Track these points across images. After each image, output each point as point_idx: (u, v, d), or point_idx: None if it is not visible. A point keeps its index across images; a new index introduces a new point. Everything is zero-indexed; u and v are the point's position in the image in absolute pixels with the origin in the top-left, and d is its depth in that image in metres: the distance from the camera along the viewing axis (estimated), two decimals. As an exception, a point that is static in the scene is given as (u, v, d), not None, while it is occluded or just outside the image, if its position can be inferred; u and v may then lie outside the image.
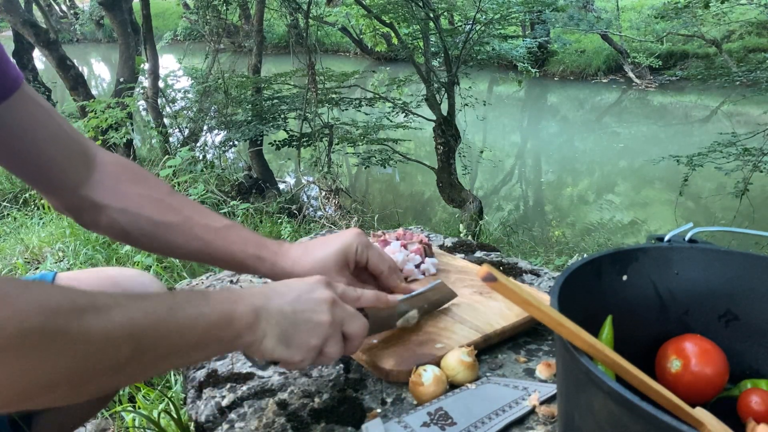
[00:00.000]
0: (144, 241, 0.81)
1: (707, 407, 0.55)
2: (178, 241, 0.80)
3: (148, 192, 0.82)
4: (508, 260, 1.21)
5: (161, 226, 0.80)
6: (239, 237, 0.81)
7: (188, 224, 0.80)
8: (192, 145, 5.50)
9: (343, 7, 8.58)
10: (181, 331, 0.57)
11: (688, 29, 8.85)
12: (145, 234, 0.80)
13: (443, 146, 4.88)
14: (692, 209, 6.04)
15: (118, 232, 0.81)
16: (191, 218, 0.81)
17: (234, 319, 0.62)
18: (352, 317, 0.71)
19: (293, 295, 0.67)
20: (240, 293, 0.65)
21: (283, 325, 0.65)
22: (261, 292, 0.66)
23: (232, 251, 0.80)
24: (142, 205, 0.80)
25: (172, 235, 0.80)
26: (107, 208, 0.80)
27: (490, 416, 0.72)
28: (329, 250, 0.82)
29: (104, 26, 16.74)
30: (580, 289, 0.62)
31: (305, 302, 0.67)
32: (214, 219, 0.82)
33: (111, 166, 0.82)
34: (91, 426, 1.61)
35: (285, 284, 0.70)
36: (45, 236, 3.05)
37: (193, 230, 0.80)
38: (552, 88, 11.85)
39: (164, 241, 0.81)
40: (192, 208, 0.82)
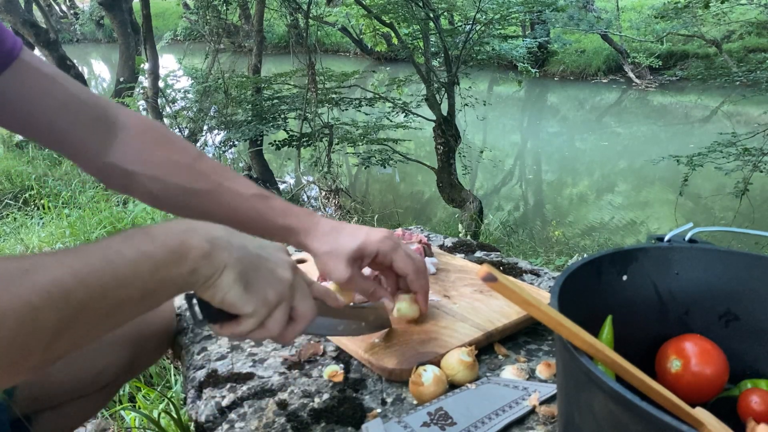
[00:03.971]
0: (175, 208, 0.81)
1: (707, 407, 0.55)
2: (208, 208, 0.80)
3: (176, 157, 0.81)
4: (508, 260, 1.21)
5: (191, 193, 0.79)
6: (267, 206, 0.80)
7: (218, 191, 0.80)
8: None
9: (343, 7, 8.58)
10: (122, 281, 0.49)
11: (688, 29, 8.85)
12: (176, 201, 0.80)
13: (443, 146, 4.88)
14: (692, 209, 6.04)
15: (150, 198, 0.81)
16: (221, 185, 0.80)
17: (188, 251, 0.54)
18: (306, 295, 0.65)
19: (258, 242, 0.62)
20: (192, 223, 0.57)
21: (245, 263, 0.58)
22: (220, 226, 0.59)
23: (261, 219, 0.80)
24: (171, 172, 0.80)
25: (202, 202, 0.80)
26: (137, 175, 0.79)
27: (490, 416, 0.72)
28: (351, 239, 0.80)
29: (104, 26, 16.75)
30: (580, 289, 0.62)
31: (269, 252, 0.62)
32: (243, 185, 0.81)
33: (135, 128, 0.81)
34: (91, 426, 1.61)
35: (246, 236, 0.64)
36: (45, 236, 3.05)
37: (222, 197, 0.80)
38: (552, 88, 11.85)
39: (194, 208, 0.80)
40: (221, 173, 0.81)
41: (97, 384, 0.92)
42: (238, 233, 0.61)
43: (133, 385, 1.64)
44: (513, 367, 0.82)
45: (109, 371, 0.92)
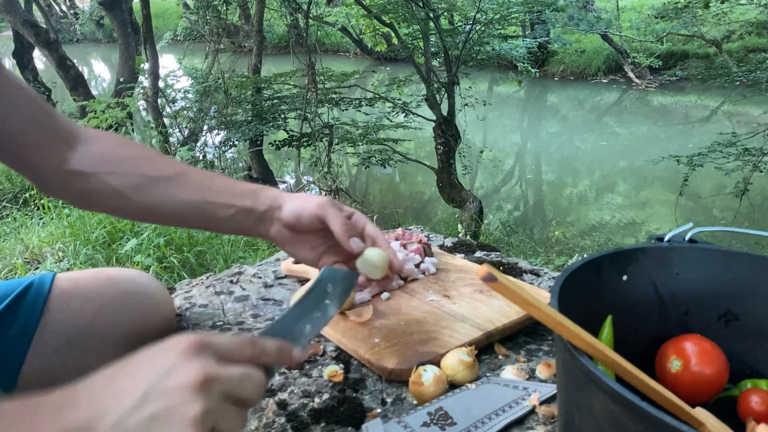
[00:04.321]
0: (137, 199, 0.80)
1: (707, 407, 0.55)
2: (173, 192, 0.79)
3: (138, 153, 0.82)
4: (508, 260, 1.22)
5: (157, 180, 0.79)
6: (232, 181, 0.82)
7: (184, 174, 0.80)
8: (192, 145, 5.50)
9: (343, 7, 8.58)
10: None
11: (688, 29, 8.85)
12: (139, 190, 0.79)
13: (443, 146, 4.88)
14: (692, 209, 6.04)
15: (109, 195, 0.80)
16: (187, 170, 0.81)
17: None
18: (240, 387, 0.47)
19: (137, 394, 0.43)
20: (54, 408, 0.44)
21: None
22: (87, 401, 0.44)
23: (231, 188, 0.80)
24: (135, 165, 0.80)
25: (168, 186, 0.79)
26: (96, 174, 0.79)
27: (490, 416, 0.72)
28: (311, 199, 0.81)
29: (104, 26, 16.75)
30: (580, 289, 0.62)
31: (157, 399, 0.43)
32: (208, 172, 0.83)
33: (98, 139, 0.82)
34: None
35: (128, 371, 0.46)
36: (45, 236, 3.05)
37: (190, 179, 0.80)
38: (552, 88, 11.85)
39: (159, 195, 0.79)
40: (184, 165, 0.83)
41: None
42: (114, 391, 0.44)
43: None
44: (513, 367, 0.82)
45: (109, 371, 0.92)
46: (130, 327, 0.91)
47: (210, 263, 2.72)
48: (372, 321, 0.91)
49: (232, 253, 2.81)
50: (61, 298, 0.88)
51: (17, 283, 0.88)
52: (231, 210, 0.80)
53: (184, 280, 1.53)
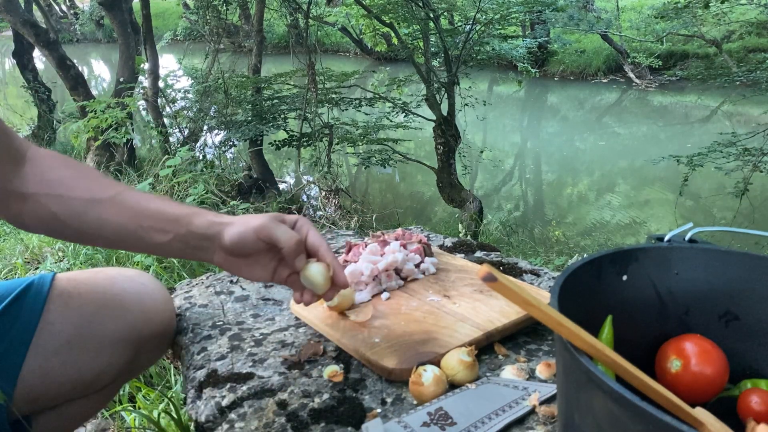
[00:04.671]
0: (72, 223, 0.79)
1: (707, 407, 0.55)
2: (108, 216, 0.78)
3: (77, 174, 0.81)
4: (508, 260, 1.21)
5: (92, 203, 0.78)
6: (172, 202, 0.80)
7: (120, 197, 0.79)
8: (192, 145, 5.50)
9: (343, 7, 8.58)
10: None
11: (688, 29, 8.85)
12: (75, 214, 0.78)
13: (443, 146, 4.88)
14: (692, 209, 6.04)
15: (45, 218, 0.79)
16: (121, 193, 0.79)
17: None
18: None
19: None
20: None
21: None
22: None
23: (164, 211, 0.78)
24: (71, 187, 0.79)
25: (104, 210, 0.78)
26: (35, 196, 0.78)
27: (490, 416, 0.72)
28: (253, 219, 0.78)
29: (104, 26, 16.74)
30: (580, 289, 0.62)
31: None
32: (143, 193, 0.81)
33: (42, 159, 0.81)
34: (91, 426, 1.61)
35: None
36: (45, 236, 3.05)
37: (124, 202, 0.78)
38: (552, 88, 11.85)
39: (93, 219, 0.78)
40: (123, 186, 0.81)
41: (97, 384, 0.92)
42: None
43: (133, 385, 1.64)
44: (513, 367, 0.82)
45: (109, 372, 0.92)
46: (130, 327, 0.91)
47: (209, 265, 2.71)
48: (372, 321, 0.91)
49: (232, 253, 2.80)
50: (60, 298, 0.88)
51: (17, 283, 0.88)
52: (166, 236, 0.78)
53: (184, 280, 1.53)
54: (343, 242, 1.33)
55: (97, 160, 5.25)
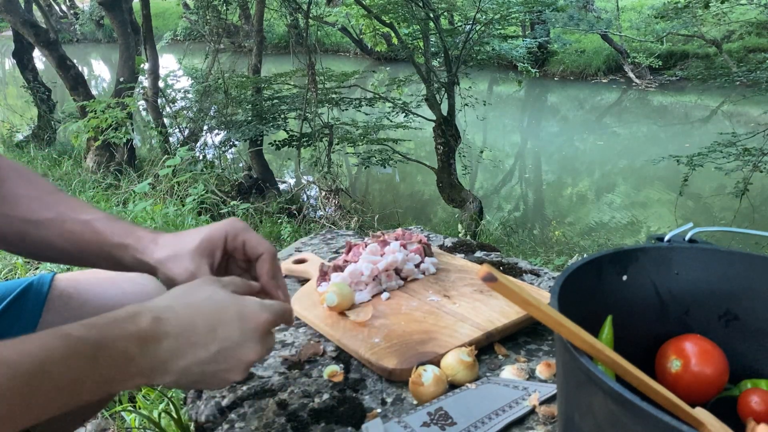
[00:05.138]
0: (19, 244, 0.78)
1: (707, 407, 0.55)
2: (49, 238, 0.77)
3: (26, 192, 0.79)
4: (508, 260, 1.21)
5: (33, 224, 0.77)
6: (108, 226, 0.76)
7: (60, 219, 0.77)
8: (192, 145, 5.50)
9: (343, 7, 8.58)
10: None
11: (688, 29, 8.85)
12: (20, 235, 0.77)
13: (443, 146, 4.88)
14: (692, 209, 6.04)
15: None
16: (64, 213, 0.77)
17: (127, 381, 0.55)
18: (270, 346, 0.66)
19: (211, 353, 0.59)
20: (140, 341, 0.56)
21: (183, 381, 0.59)
22: (170, 343, 0.57)
23: (98, 240, 0.75)
24: (17, 206, 0.77)
25: (44, 231, 0.77)
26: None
27: (490, 416, 0.72)
28: (194, 236, 0.74)
29: (104, 26, 16.75)
30: (580, 289, 0.62)
31: (224, 362, 0.60)
32: (86, 212, 0.78)
33: (2, 172, 0.80)
34: (91, 426, 1.61)
35: (209, 327, 0.60)
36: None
37: (64, 225, 0.76)
38: (552, 88, 11.85)
39: (36, 239, 0.77)
40: (67, 204, 0.79)
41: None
42: (192, 337, 0.59)
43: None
44: (513, 367, 0.82)
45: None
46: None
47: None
48: (372, 321, 0.91)
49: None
50: (60, 298, 0.88)
51: (17, 283, 0.88)
52: (105, 263, 0.77)
53: (184, 280, 1.53)
54: (343, 242, 1.33)
55: (97, 160, 5.25)
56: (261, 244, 0.75)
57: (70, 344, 0.51)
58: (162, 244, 0.74)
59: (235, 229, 0.75)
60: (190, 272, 0.71)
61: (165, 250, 0.73)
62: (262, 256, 0.75)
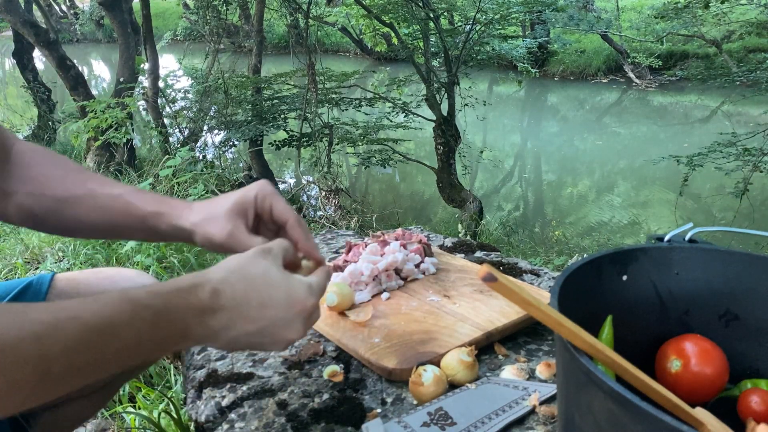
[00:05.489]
0: (51, 221, 0.80)
1: (707, 407, 0.55)
2: (81, 214, 0.79)
3: (53, 172, 0.81)
4: (508, 260, 1.21)
5: (65, 202, 0.79)
6: (139, 198, 0.79)
7: (91, 195, 0.79)
8: (192, 145, 5.50)
9: (343, 7, 8.58)
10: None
11: (688, 29, 8.85)
12: (51, 212, 0.79)
13: (443, 146, 4.88)
14: (692, 209, 6.04)
15: (26, 215, 0.80)
16: (94, 189, 0.79)
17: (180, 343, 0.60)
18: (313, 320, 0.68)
19: (259, 326, 0.62)
20: (199, 311, 0.59)
21: (229, 348, 0.64)
22: (223, 315, 0.60)
23: (131, 211, 0.78)
24: (47, 185, 0.79)
25: (76, 208, 0.79)
26: (15, 194, 0.79)
27: (490, 416, 0.72)
28: (227, 199, 0.77)
29: (104, 26, 16.74)
30: (580, 289, 0.62)
31: (268, 336, 0.63)
32: (115, 187, 0.80)
33: (26, 154, 0.82)
34: (91, 426, 1.61)
35: (261, 302, 0.62)
36: (45, 236, 3.05)
37: (96, 200, 0.79)
38: (552, 88, 11.85)
39: (69, 217, 0.79)
40: (96, 180, 0.81)
41: (97, 384, 0.92)
42: (244, 313, 0.62)
43: (133, 385, 1.64)
44: (513, 367, 0.82)
45: (108, 371, 0.92)
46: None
47: (210, 263, 2.72)
48: (372, 321, 0.91)
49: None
50: (59, 297, 0.88)
51: (16, 283, 0.88)
52: (141, 234, 0.79)
53: (184, 280, 1.53)
54: (343, 242, 1.33)
55: (97, 160, 5.25)
56: (287, 210, 0.78)
57: (136, 308, 0.54)
58: (196, 209, 0.77)
59: (264, 191, 0.77)
60: (228, 231, 0.74)
61: (200, 214, 0.76)
62: (289, 222, 0.77)
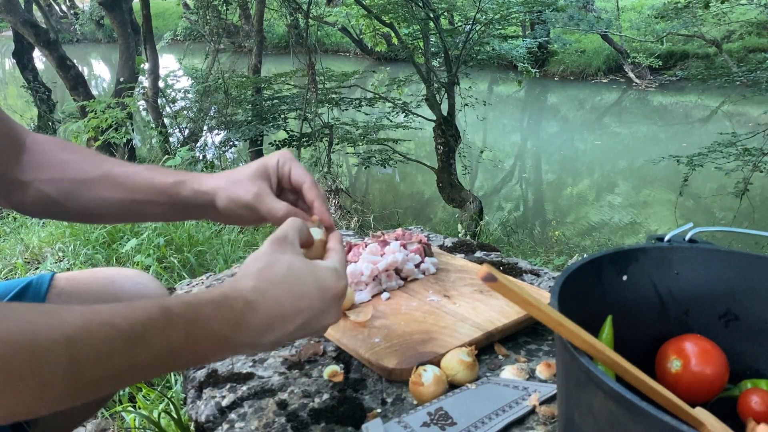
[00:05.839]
0: (71, 205, 0.80)
1: (707, 407, 0.55)
2: (101, 194, 0.79)
3: (69, 156, 0.81)
4: (508, 260, 1.21)
5: (84, 184, 0.79)
6: (158, 171, 0.80)
7: (109, 174, 0.79)
8: (192, 145, 5.50)
9: (343, 7, 8.58)
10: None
11: (688, 29, 8.85)
12: (71, 196, 0.79)
13: (443, 146, 4.88)
14: (692, 209, 6.05)
15: (44, 203, 0.80)
16: (111, 170, 0.80)
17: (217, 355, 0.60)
18: None
19: (299, 323, 0.62)
20: (238, 314, 0.59)
21: (273, 347, 0.64)
22: (262, 316, 0.60)
23: (152, 184, 0.78)
24: (64, 170, 0.80)
25: (95, 189, 0.79)
26: (33, 182, 0.79)
27: (490, 416, 0.72)
28: (249, 166, 0.79)
29: (104, 26, 16.75)
30: (580, 289, 0.62)
31: (310, 328, 0.64)
32: (132, 165, 0.81)
33: (40, 144, 0.82)
34: (91, 426, 1.61)
35: (295, 299, 0.62)
36: (45, 236, 3.05)
37: (115, 179, 0.79)
38: (552, 88, 11.85)
39: (88, 199, 0.79)
40: (113, 162, 0.82)
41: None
42: (281, 313, 0.61)
43: (133, 385, 1.64)
44: (513, 367, 0.82)
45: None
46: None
47: (210, 263, 2.72)
48: (372, 321, 0.91)
49: (232, 253, 2.81)
50: (59, 297, 0.88)
51: (16, 283, 0.88)
52: (160, 207, 0.79)
53: (184, 280, 1.53)
54: (344, 242, 1.33)
55: (97, 160, 5.24)
56: (304, 174, 0.79)
57: (169, 317, 0.53)
58: (217, 176, 0.78)
59: (284, 157, 0.79)
60: (254, 193, 0.75)
61: (222, 179, 0.77)
62: (306, 184, 0.78)
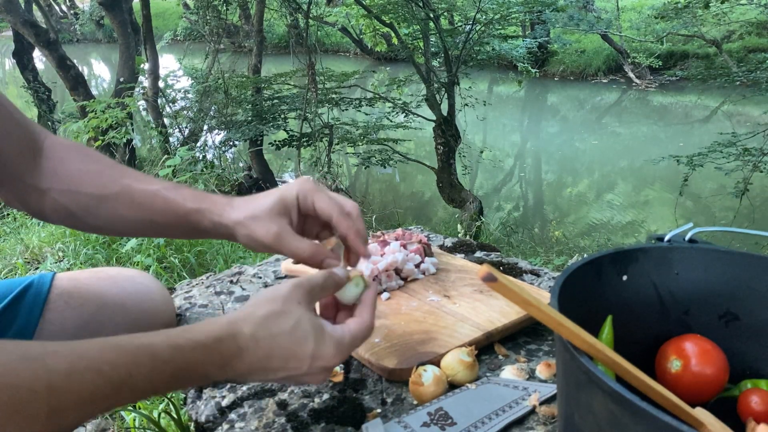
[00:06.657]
0: (88, 220, 0.79)
1: (707, 407, 0.55)
2: (119, 211, 0.77)
3: (88, 167, 0.79)
4: (508, 260, 1.21)
5: (102, 199, 0.77)
6: (179, 194, 0.77)
7: (128, 191, 0.77)
8: (192, 145, 5.50)
9: (343, 7, 8.58)
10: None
11: (688, 29, 8.85)
12: (88, 210, 0.78)
13: (443, 146, 4.88)
14: (692, 209, 6.05)
15: (62, 214, 0.79)
16: (130, 186, 0.78)
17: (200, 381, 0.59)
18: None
19: (282, 375, 0.62)
20: (224, 357, 0.59)
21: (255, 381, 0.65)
22: (246, 359, 0.60)
23: (172, 208, 0.76)
24: (82, 182, 0.78)
25: (113, 205, 0.77)
26: (50, 191, 0.78)
27: (490, 416, 0.72)
28: (268, 198, 0.74)
29: (104, 26, 16.74)
30: (580, 289, 0.62)
31: (293, 381, 0.64)
32: (152, 183, 0.78)
33: (58, 150, 0.80)
34: (91, 426, 1.61)
35: (283, 346, 0.61)
36: (45, 236, 3.05)
37: (133, 197, 0.77)
38: (552, 88, 11.85)
39: (106, 214, 0.78)
40: (132, 176, 0.79)
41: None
42: (264, 364, 0.61)
43: None
44: (513, 367, 0.82)
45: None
46: (130, 327, 0.91)
47: (210, 263, 2.72)
48: (372, 321, 0.91)
49: (232, 253, 2.81)
50: (60, 297, 0.88)
51: (17, 282, 0.88)
52: (179, 230, 0.78)
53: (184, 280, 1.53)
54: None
55: (97, 160, 5.24)
56: (330, 207, 0.74)
57: (155, 365, 0.54)
58: (237, 206, 0.75)
59: (304, 190, 0.74)
60: (274, 233, 0.72)
61: (242, 211, 0.74)
62: (333, 219, 0.74)
